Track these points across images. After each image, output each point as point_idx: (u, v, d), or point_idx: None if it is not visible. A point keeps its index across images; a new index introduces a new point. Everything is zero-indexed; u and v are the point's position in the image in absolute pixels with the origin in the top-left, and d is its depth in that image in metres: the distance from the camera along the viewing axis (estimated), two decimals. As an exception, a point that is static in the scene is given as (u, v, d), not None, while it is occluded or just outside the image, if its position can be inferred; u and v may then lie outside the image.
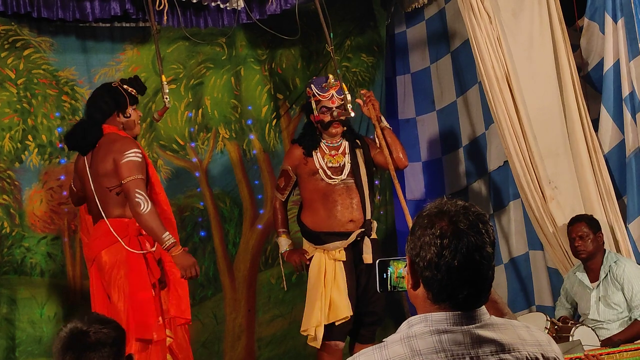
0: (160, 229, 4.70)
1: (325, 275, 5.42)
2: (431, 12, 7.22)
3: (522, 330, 1.95)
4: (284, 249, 5.67)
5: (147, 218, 4.69)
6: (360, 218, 5.53)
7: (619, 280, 5.37)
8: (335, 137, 5.64)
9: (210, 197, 6.68)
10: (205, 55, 6.71)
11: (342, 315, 5.36)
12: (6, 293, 5.92)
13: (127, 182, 4.72)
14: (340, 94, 5.57)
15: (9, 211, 5.99)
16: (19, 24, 6.08)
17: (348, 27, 7.17)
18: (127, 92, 4.98)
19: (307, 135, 5.69)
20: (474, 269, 1.88)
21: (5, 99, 6.05)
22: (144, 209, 4.68)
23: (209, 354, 6.52)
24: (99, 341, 2.85)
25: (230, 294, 6.68)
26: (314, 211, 5.58)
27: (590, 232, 5.46)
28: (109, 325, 2.92)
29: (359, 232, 5.50)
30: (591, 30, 6.10)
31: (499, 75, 5.83)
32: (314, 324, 5.34)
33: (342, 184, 5.54)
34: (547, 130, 5.88)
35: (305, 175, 5.61)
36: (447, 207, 1.92)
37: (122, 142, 4.84)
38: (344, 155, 5.61)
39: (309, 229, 5.59)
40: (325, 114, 5.58)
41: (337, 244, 5.46)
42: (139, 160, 4.79)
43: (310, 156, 5.59)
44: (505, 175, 6.53)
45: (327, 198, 5.54)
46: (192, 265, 4.75)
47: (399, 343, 1.87)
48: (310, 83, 5.71)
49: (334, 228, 5.50)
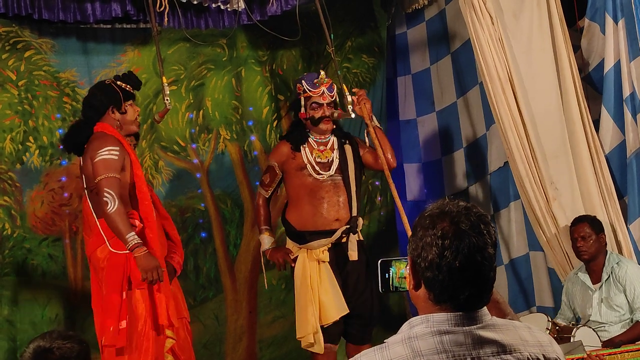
0: (124, 229, 4.58)
1: (310, 279, 5.34)
2: (431, 13, 7.22)
3: (523, 331, 1.95)
4: (266, 246, 5.56)
5: (113, 217, 4.58)
6: (347, 217, 5.45)
7: (621, 282, 5.36)
8: (324, 134, 5.58)
9: (211, 198, 6.69)
10: (206, 57, 6.72)
11: (333, 318, 5.30)
12: (7, 294, 5.93)
13: (98, 181, 4.65)
14: (331, 91, 5.54)
15: (10, 213, 6.00)
16: (20, 26, 6.09)
17: (349, 28, 7.18)
18: (121, 87, 4.92)
19: (295, 132, 5.62)
20: (476, 269, 1.88)
21: (6, 101, 6.06)
22: (110, 208, 4.57)
23: (210, 355, 6.53)
24: (64, 356, 2.82)
25: (232, 295, 6.68)
26: (300, 208, 5.49)
27: (592, 233, 5.46)
28: (71, 340, 2.88)
29: (345, 229, 5.42)
30: (592, 31, 6.10)
31: (501, 75, 5.83)
32: (310, 331, 5.27)
33: (329, 180, 5.47)
34: (549, 131, 5.88)
35: (293, 171, 5.52)
36: (448, 207, 1.93)
37: (98, 141, 4.76)
38: (333, 150, 5.54)
39: (293, 228, 5.50)
40: (317, 109, 5.51)
41: (321, 241, 5.38)
42: (113, 158, 4.70)
43: (299, 151, 5.51)
44: (506, 176, 6.52)
45: (313, 195, 5.46)
46: (154, 268, 4.57)
47: (400, 344, 1.87)
48: (301, 79, 5.64)
49: (319, 226, 5.41)
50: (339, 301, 5.33)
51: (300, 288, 5.36)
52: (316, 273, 5.35)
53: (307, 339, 5.30)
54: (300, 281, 5.37)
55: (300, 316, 5.35)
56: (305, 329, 5.30)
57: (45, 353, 2.83)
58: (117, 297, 4.64)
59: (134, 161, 4.84)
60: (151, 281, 4.60)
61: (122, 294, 4.65)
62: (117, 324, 4.60)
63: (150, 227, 4.78)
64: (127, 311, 4.64)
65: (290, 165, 5.53)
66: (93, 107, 4.92)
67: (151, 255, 4.62)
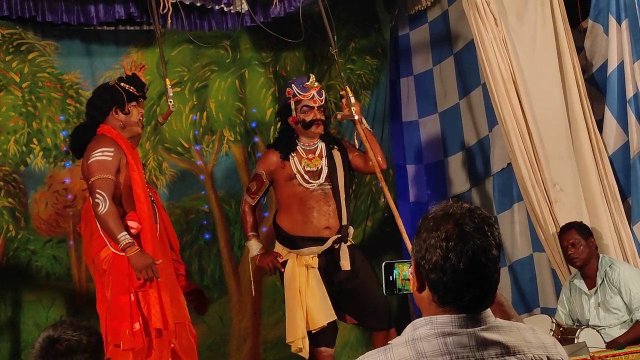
0: (116, 229, 4.55)
1: (298, 283, 5.30)
2: (434, 14, 7.22)
3: (527, 332, 1.95)
4: (254, 252, 5.49)
5: (104, 218, 4.57)
6: (336, 225, 5.41)
7: (616, 284, 5.37)
8: (313, 139, 5.51)
9: (215, 200, 6.69)
10: (210, 58, 6.73)
11: (320, 323, 5.25)
12: (12, 296, 5.94)
13: (91, 182, 4.64)
14: (321, 95, 5.50)
15: (15, 214, 6.01)
16: (23, 28, 6.10)
17: (352, 30, 7.18)
18: (125, 89, 4.91)
19: (283, 139, 5.56)
20: (480, 271, 1.88)
21: (10, 103, 6.07)
22: (101, 209, 4.56)
23: (214, 357, 6.53)
24: (71, 348, 2.77)
25: (236, 297, 6.69)
26: (290, 215, 5.45)
27: (581, 239, 5.47)
28: (82, 331, 2.82)
29: (335, 239, 5.39)
30: (595, 31, 6.10)
31: (505, 76, 5.83)
32: (300, 336, 5.23)
33: (319, 190, 5.43)
34: (552, 132, 5.88)
35: (282, 181, 5.47)
36: (452, 209, 1.92)
37: (94, 143, 4.75)
38: (321, 158, 5.49)
39: (284, 232, 5.47)
40: (307, 113, 5.46)
41: (312, 249, 5.35)
42: (106, 159, 4.68)
43: (288, 160, 5.46)
44: (509, 177, 6.52)
45: (304, 204, 5.41)
46: (148, 266, 4.54)
47: (404, 345, 1.87)
48: (290, 83, 5.60)
49: (310, 233, 5.38)
50: (326, 307, 5.28)
51: (288, 293, 5.34)
52: (304, 278, 5.32)
53: (296, 344, 5.26)
54: (288, 286, 5.34)
55: (289, 320, 5.31)
56: (294, 333, 5.25)
57: (53, 343, 2.79)
58: (125, 299, 4.62)
59: (130, 163, 4.79)
60: (146, 279, 4.56)
61: (130, 296, 4.63)
62: (131, 326, 4.58)
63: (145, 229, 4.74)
64: (138, 312, 4.62)
65: (279, 175, 5.47)
66: (96, 107, 4.91)
67: (144, 253, 4.59)
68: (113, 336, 4.61)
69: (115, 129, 4.86)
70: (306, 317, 5.26)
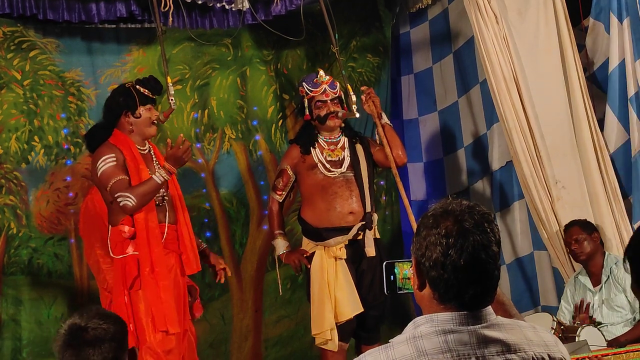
0: (146, 185, 4.69)
1: (327, 275, 5.34)
2: (435, 12, 7.23)
3: (528, 330, 1.95)
4: (281, 250, 5.55)
5: (140, 202, 4.65)
6: (360, 211, 5.46)
7: (621, 282, 5.36)
8: (334, 133, 5.60)
9: (216, 198, 6.69)
10: (211, 56, 6.72)
11: (347, 315, 5.30)
12: (13, 294, 5.94)
13: (109, 190, 4.70)
14: (333, 88, 5.56)
15: (16, 212, 6.01)
16: (24, 26, 6.10)
17: (353, 28, 7.17)
18: (139, 92, 4.94)
19: (303, 134, 5.67)
20: (480, 267, 1.89)
21: (12, 100, 6.07)
22: (131, 205, 4.63)
23: (216, 355, 6.53)
24: (97, 337, 2.76)
25: (238, 295, 6.68)
26: (314, 206, 5.51)
27: (585, 234, 5.48)
28: (108, 320, 2.82)
29: (360, 226, 5.43)
30: (596, 30, 6.09)
31: (506, 74, 5.83)
32: (327, 327, 5.26)
33: (341, 177, 5.49)
34: (554, 130, 5.88)
35: (305, 171, 5.55)
36: (452, 206, 1.93)
37: (95, 155, 4.84)
38: (343, 149, 5.57)
39: (309, 225, 5.52)
40: (321, 107, 5.54)
41: (338, 238, 5.38)
42: (110, 165, 4.73)
43: (309, 153, 5.55)
44: (508, 175, 6.52)
45: (326, 191, 5.48)
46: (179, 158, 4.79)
47: (405, 343, 1.88)
48: (301, 82, 5.68)
49: (334, 222, 5.42)
50: (353, 299, 5.33)
51: (318, 284, 5.36)
52: (333, 269, 5.36)
53: (324, 336, 5.29)
54: (318, 278, 5.37)
55: (316, 312, 5.34)
56: (321, 325, 5.29)
57: (79, 331, 2.77)
58: (120, 301, 4.68)
59: (129, 167, 4.81)
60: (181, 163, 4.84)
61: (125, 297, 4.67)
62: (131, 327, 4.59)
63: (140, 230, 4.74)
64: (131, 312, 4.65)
65: (302, 166, 5.57)
66: (109, 108, 4.98)
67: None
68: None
69: (124, 132, 4.92)
70: (334, 309, 5.27)
